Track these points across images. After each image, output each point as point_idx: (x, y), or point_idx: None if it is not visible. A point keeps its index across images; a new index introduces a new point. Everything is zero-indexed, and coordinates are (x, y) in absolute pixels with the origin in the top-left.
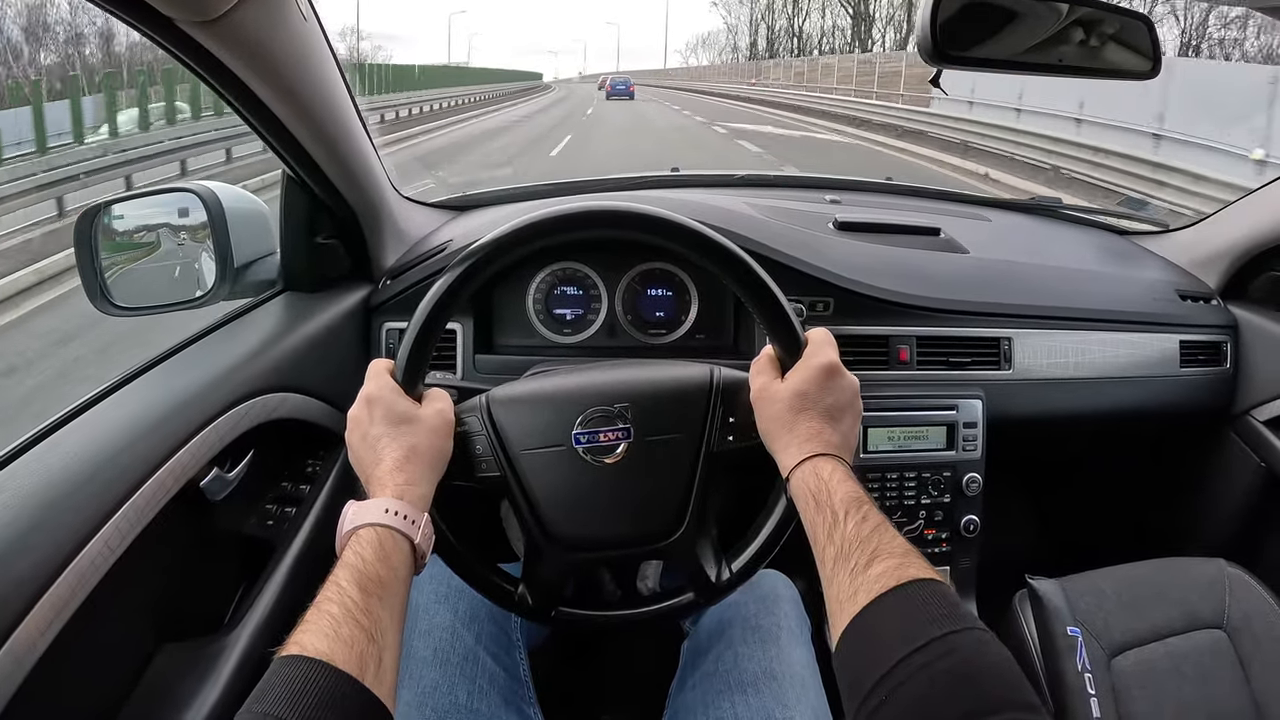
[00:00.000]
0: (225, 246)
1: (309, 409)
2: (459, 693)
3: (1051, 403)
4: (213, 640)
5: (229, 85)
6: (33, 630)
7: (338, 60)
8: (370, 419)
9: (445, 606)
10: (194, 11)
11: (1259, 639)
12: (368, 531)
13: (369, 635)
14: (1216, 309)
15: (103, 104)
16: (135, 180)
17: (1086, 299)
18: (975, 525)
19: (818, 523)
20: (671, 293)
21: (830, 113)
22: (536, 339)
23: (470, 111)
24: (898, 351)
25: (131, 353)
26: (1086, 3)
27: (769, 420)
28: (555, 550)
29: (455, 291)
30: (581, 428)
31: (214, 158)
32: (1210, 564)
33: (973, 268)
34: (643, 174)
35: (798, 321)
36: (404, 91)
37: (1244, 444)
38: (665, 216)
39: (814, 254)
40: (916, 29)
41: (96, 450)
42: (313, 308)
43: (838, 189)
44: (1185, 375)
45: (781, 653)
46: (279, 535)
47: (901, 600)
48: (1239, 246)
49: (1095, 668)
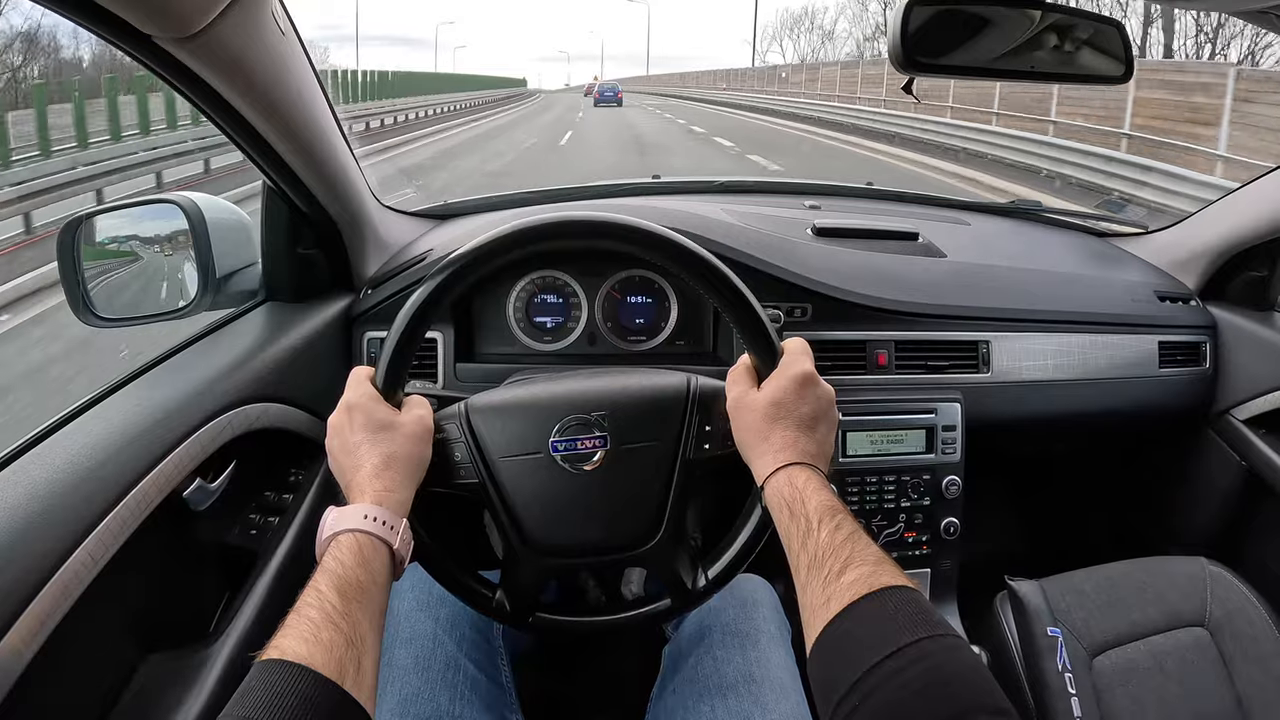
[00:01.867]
0: (207, 257)
1: (291, 419)
2: (441, 699)
3: (1031, 405)
4: (197, 650)
5: (208, 99)
6: (17, 642)
7: (317, 73)
8: (350, 426)
9: (427, 614)
10: (172, 28)
11: (1240, 636)
12: (347, 537)
13: (348, 639)
14: (1195, 309)
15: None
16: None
17: (1065, 301)
18: (955, 527)
19: (792, 531)
20: (651, 300)
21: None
22: (517, 347)
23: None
24: (876, 356)
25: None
26: (1059, 9)
27: (744, 429)
28: (533, 556)
29: (434, 300)
30: (559, 435)
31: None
32: (1191, 562)
33: (951, 272)
34: (623, 181)
35: (773, 331)
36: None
37: (1224, 443)
38: (642, 226)
39: (792, 260)
40: (888, 37)
41: (80, 462)
42: (294, 318)
43: (817, 194)
44: (1165, 376)
45: (761, 656)
46: (262, 545)
47: (874, 607)
48: (1217, 247)
49: (1076, 667)
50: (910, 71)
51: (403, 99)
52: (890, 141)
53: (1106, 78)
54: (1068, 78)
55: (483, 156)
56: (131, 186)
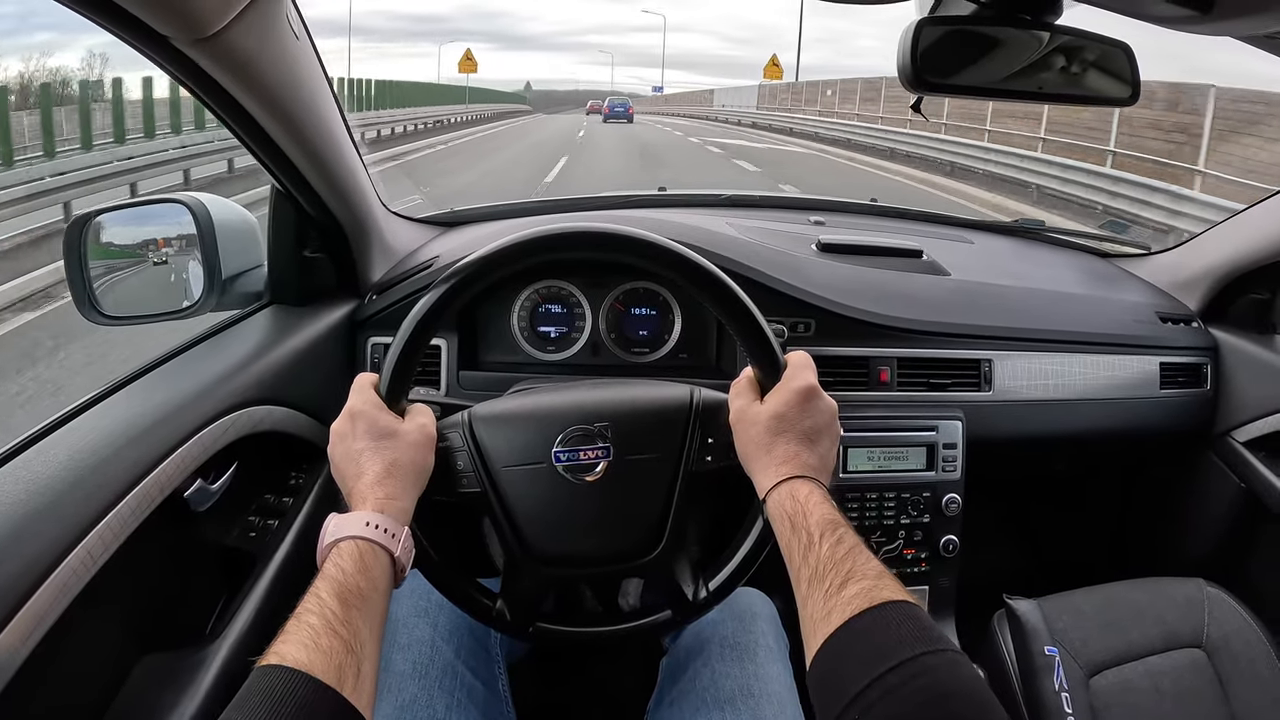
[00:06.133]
0: (213, 258)
1: (293, 422)
2: (437, 706)
3: (1032, 424)
4: (194, 651)
5: (221, 101)
6: (14, 639)
7: (329, 77)
8: (353, 433)
9: (425, 621)
10: (189, 29)
11: (1237, 658)
12: (348, 544)
13: (348, 646)
14: (1197, 331)
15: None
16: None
17: (1068, 321)
18: (954, 545)
19: (793, 544)
20: (655, 312)
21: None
22: (520, 356)
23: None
24: (878, 373)
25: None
26: (1067, 30)
27: (747, 442)
28: (534, 566)
29: (440, 308)
30: (562, 446)
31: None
32: (1189, 584)
33: (954, 290)
34: (630, 193)
35: (777, 344)
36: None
37: (1223, 465)
38: (648, 239)
39: (796, 275)
40: (898, 56)
41: (81, 459)
42: (299, 321)
43: (822, 210)
44: (1165, 397)
45: (759, 670)
46: (261, 547)
47: (874, 621)
48: (1219, 269)
49: (1073, 687)
50: (919, 90)
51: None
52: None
53: (1113, 99)
54: (1075, 99)
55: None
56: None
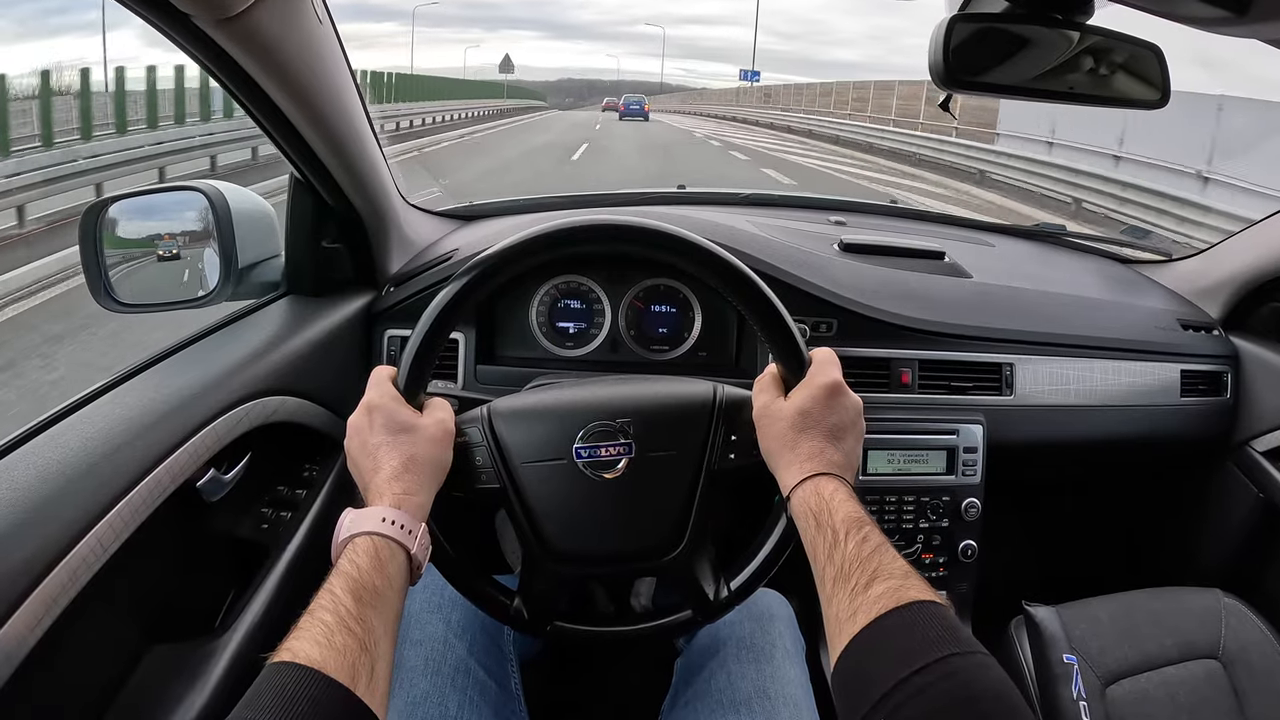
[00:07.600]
0: (230, 247)
1: (308, 413)
2: (449, 703)
3: (1052, 430)
4: (203, 643)
5: (242, 85)
6: (21, 626)
7: (350, 64)
8: (370, 427)
9: (438, 616)
10: (210, 9)
11: (1254, 670)
12: (364, 540)
13: (362, 644)
14: (1218, 339)
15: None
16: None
17: (1089, 327)
18: (973, 550)
19: (818, 542)
20: (675, 309)
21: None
22: (538, 351)
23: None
24: (900, 374)
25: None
26: (1098, 31)
27: (771, 439)
28: (553, 564)
29: (460, 301)
30: (583, 442)
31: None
32: (1206, 594)
33: (976, 292)
34: (649, 189)
35: (802, 340)
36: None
37: (1242, 475)
38: (673, 232)
39: (819, 274)
40: (929, 54)
41: (94, 446)
42: (315, 312)
43: (842, 210)
44: (1185, 405)
45: (775, 672)
46: (273, 539)
47: (901, 621)
48: (1241, 277)
49: (1090, 696)
50: (950, 88)
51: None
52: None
53: (1142, 102)
54: (1104, 100)
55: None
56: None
